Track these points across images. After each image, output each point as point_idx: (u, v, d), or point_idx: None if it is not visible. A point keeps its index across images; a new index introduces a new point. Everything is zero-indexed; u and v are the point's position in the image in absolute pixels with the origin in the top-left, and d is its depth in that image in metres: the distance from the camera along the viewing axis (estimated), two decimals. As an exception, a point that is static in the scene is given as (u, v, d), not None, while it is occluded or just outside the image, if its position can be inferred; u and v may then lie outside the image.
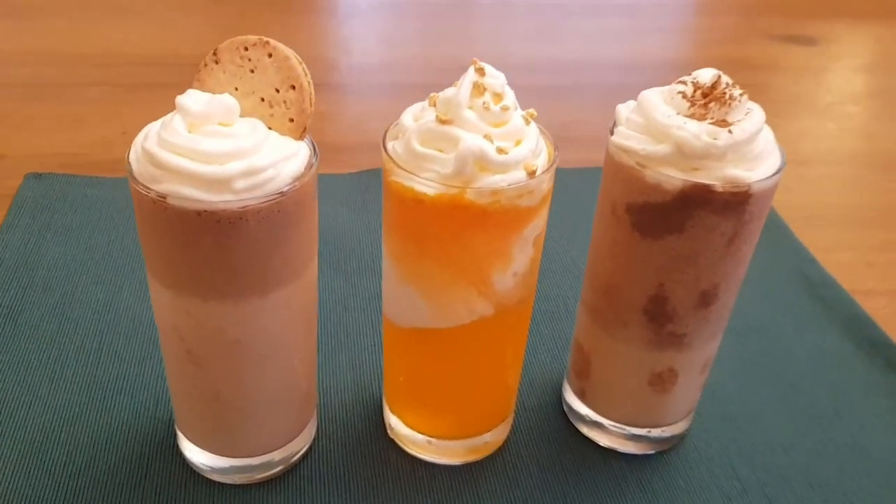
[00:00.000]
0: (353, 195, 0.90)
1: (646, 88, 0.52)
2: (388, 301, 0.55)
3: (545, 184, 0.48)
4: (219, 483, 0.57)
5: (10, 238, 0.79)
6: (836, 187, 1.00)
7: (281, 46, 0.48)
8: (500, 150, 0.46)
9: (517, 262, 0.50)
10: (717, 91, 0.49)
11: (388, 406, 0.61)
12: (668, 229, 0.50)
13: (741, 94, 0.49)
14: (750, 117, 0.49)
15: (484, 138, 0.46)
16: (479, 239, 0.48)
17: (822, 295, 0.79)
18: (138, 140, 0.46)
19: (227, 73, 0.48)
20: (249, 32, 0.48)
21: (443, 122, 0.47)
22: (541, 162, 0.48)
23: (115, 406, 0.62)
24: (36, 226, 0.81)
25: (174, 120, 0.44)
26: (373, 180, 0.92)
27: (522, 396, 0.66)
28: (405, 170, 0.47)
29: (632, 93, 0.53)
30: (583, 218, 0.83)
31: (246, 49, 0.48)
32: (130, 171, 0.45)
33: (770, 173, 0.49)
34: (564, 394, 0.65)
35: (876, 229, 0.92)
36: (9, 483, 0.55)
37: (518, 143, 0.48)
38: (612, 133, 0.52)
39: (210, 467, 0.56)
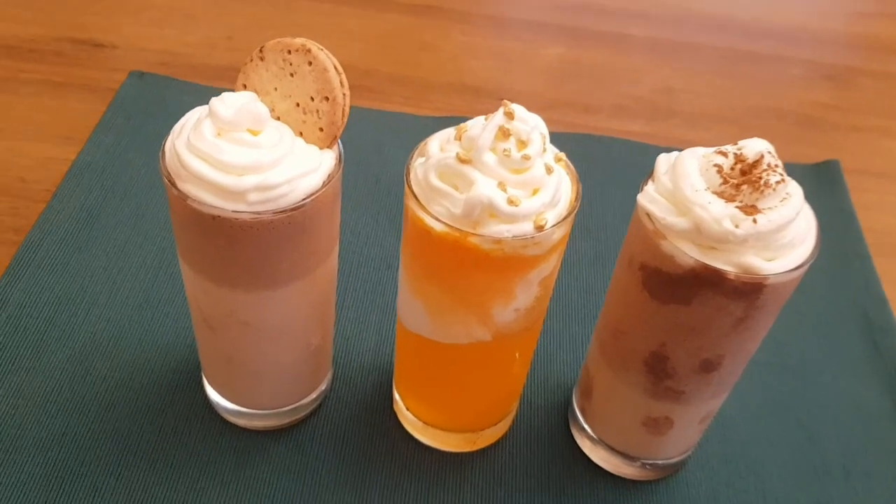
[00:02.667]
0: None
1: (770, 60, 0.47)
2: (399, 303, 0.57)
3: (555, 235, 0.48)
4: (231, 423, 0.62)
5: (104, 138, 0.84)
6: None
7: (322, 55, 0.48)
8: (512, 201, 0.46)
9: (519, 301, 0.51)
10: (755, 173, 0.46)
11: (395, 383, 0.64)
12: (675, 299, 0.49)
13: (779, 182, 0.46)
14: (785, 204, 0.46)
15: (498, 186, 0.46)
16: (480, 276, 0.49)
17: (878, 342, 0.75)
18: (175, 130, 0.48)
19: (270, 73, 0.49)
20: None
21: (462, 160, 0.47)
22: (555, 213, 0.48)
23: (158, 328, 0.68)
24: (129, 128, 0.86)
25: (203, 124, 0.46)
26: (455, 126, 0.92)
27: (531, 394, 0.67)
28: (419, 201, 0.48)
29: (752, 64, 0.49)
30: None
31: (289, 52, 0.49)
32: (163, 161, 0.47)
33: (793, 266, 0.47)
34: (572, 401, 0.66)
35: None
36: (53, 386, 0.63)
37: (535, 192, 0.47)
38: (641, 188, 0.50)
39: (226, 409, 0.62)
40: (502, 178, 0.47)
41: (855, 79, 1.10)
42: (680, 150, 0.50)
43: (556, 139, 0.60)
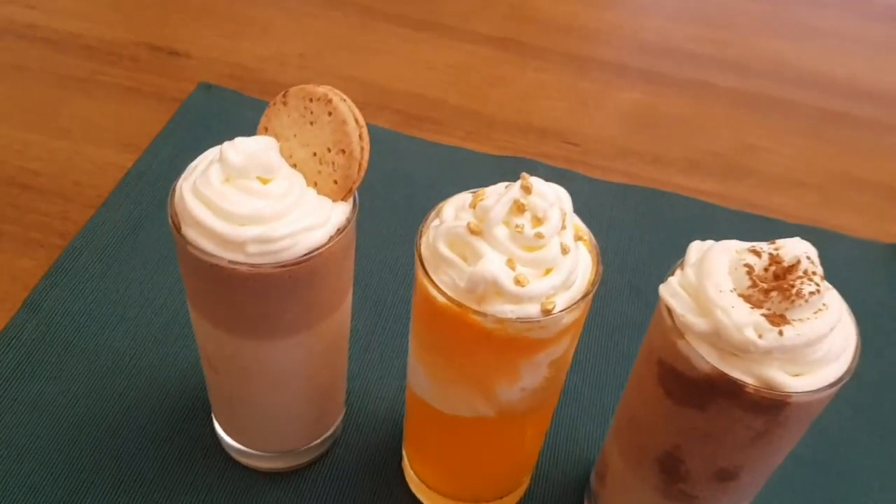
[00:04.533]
0: (486, 180, 0.88)
1: (867, 124, 0.43)
2: (409, 365, 0.55)
3: (565, 319, 0.45)
4: (234, 460, 0.61)
5: (162, 149, 0.85)
6: None
7: (343, 107, 0.47)
8: (519, 281, 0.43)
9: (525, 381, 0.48)
10: (788, 279, 0.42)
11: (405, 443, 0.62)
12: (690, 402, 0.45)
13: (813, 293, 0.41)
14: (819, 317, 0.42)
15: (507, 262, 0.43)
16: (483, 353, 0.46)
17: (942, 452, 0.68)
18: (187, 172, 0.47)
19: (291, 119, 0.48)
20: None
21: (473, 231, 0.44)
22: (567, 296, 0.45)
23: (180, 351, 0.68)
24: (188, 139, 0.87)
25: (212, 168, 0.45)
26: (511, 169, 0.89)
27: (548, 467, 0.64)
28: (424, 268, 0.46)
29: (846, 126, 0.44)
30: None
31: (311, 100, 0.47)
32: (172, 202, 0.47)
33: (823, 385, 0.42)
34: (590, 478, 0.62)
35: None
36: (70, 399, 0.63)
37: (547, 272, 0.44)
38: (666, 277, 0.46)
39: (227, 444, 0.61)
40: (512, 254, 0.44)
41: (958, 153, 1.02)
42: (752, 216, 0.46)
43: (620, 190, 0.57)
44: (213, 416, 0.62)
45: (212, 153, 0.48)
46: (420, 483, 0.60)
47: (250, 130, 0.49)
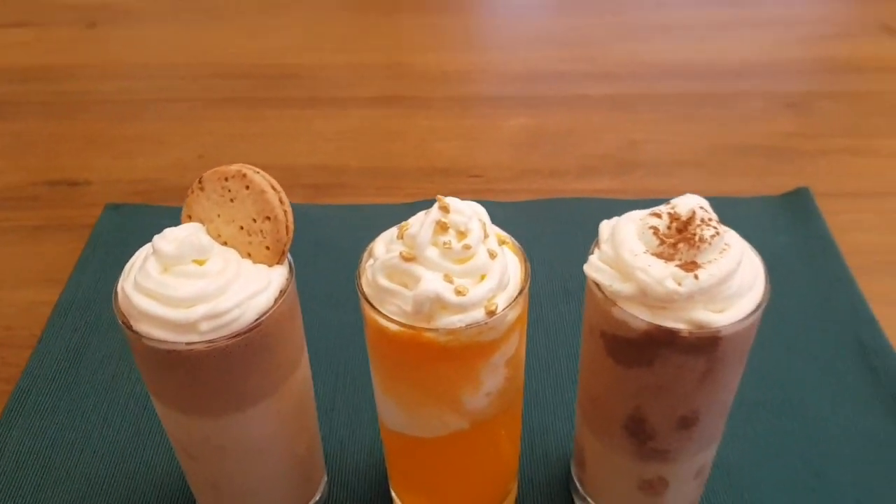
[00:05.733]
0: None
1: (731, 98, 0.48)
2: (378, 403, 0.57)
3: (509, 317, 0.49)
4: (231, 547, 0.62)
5: (84, 276, 0.86)
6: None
7: (258, 178, 0.50)
8: (459, 292, 0.47)
9: (488, 385, 0.51)
10: (689, 230, 0.47)
11: (391, 483, 0.64)
12: (638, 362, 0.49)
13: (713, 236, 0.46)
14: (724, 256, 0.47)
15: (444, 278, 0.47)
16: (443, 367, 0.49)
17: (874, 365, 0.74)
18: (125, 272, 0.49)
19: (211, 201, 0.51)
20: (330, 35, 0.49)
21: (406, 259, 0.48)
22: (505, 296, 0.48)
23: (152, 459, 0.68)
24: (109, 261, 0.88)
25: (148, 262, 0.47)
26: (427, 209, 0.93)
27: (530, 469, 0.67)
28: (370, 303, 0.49)
29: (713, 105, 0.49)
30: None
31: (226, 180, 0.50)
32: (116, 305, 0.49)
33: (744, 315, 0.47)
34: (571, 473, 0.65)
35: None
36: (53, 535, 0.63)
37: (482, 278, 0.48)
38: (589, 255, 0.51)
39: (222, 533, 0.61)
40: (447, 270, 0.47)
41: (815, 103, 1.12)
42: (648, 201, 0.51)
43: (529, 207, 0.61)
44: (199, 507, 0.62)
45: (144, 250, 0.50)
46: (413, 515, 0.62)
47: None
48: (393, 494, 0.63)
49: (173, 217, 0.51)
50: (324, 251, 0.88)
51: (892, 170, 1.00)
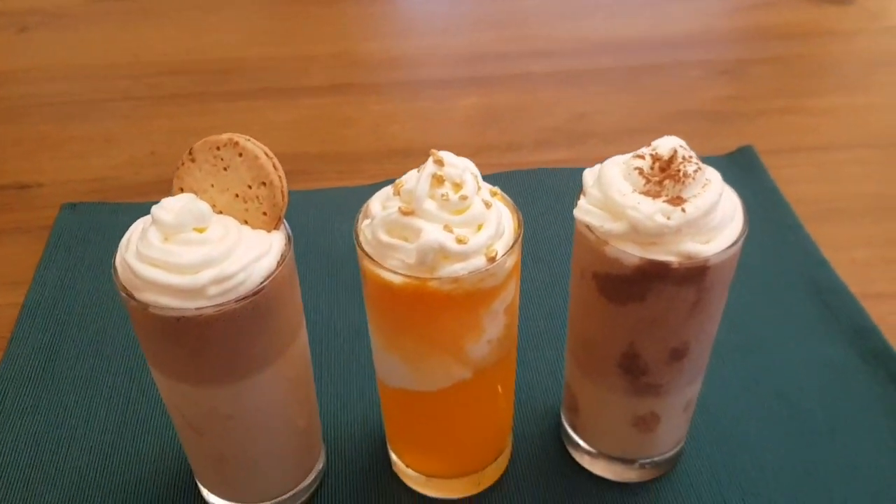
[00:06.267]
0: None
1: (670, 68, 0.50)
2: (377, 363, 0.59)
3: (508, 263, 0.50)
4: (236, 525, 0.62)
5: (49, 274, 0.85)
6: (858, 173, 0.97)
7: (250, 145, 0.50)
8: (460, 240, 0.48)
9: (489, 332, 0.53)
10: (672, 168, 0.49)
11: (389, 444, 0.65)
12: (631, 298, 0.51)
13: (696, 171, 0.49)
14: (707, 190, 0.49)
15: (444, 229, 0.48)
16: (447, 317, 0.51)
17: (829, 302, 0.79)
18: (122, 245, 0.49)
19: (203, 172, 0.51)
20: (273, 29, 0.49)
21: (405, 213, 0.49)
22: (503, 243, 0.50)
23: (144, 447, 0.68)
24: (72, 259, 0.87)
25: (150, 231, 0.48)
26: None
27: (522, 424, 0.69)
28: (372, 259, 0.50)
29: (654, 75, 0.52)
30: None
31: (218, 149, 0.51)
32: (116, 278, 0.49)
33: (728, 244, 0.50)
34: (562, 421, 0.67)
35: (896, 221, 0.90)
36: (50, 529, 0.62)
37: (479, 227, 0.50)
38: (576, 202, 0.53)
39: (226, 511, 0.61)
40: (446, 221, 0.49)
41: (748, 69, 1.17)
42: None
43: (489, 180, 0.63)
44: (200, 488, 0.62)
45: (140, 223, 0.50)
46: (417, 475, 0.63)
47: (124, 233, 0.50)
48: (393, 457, 0.65)
49: (133, 212, 0.51)
50: (296, 236, 0.88)
51: (825, 125, 1.06)
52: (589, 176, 0.54)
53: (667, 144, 0.51)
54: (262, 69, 1.21)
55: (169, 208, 0.48)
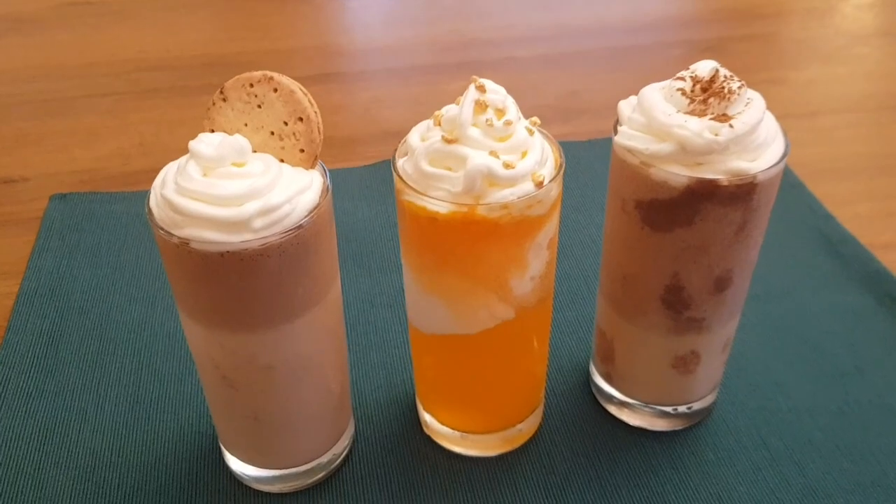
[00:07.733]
0: (370, 188, 0.91)
1: (653, 48, 0.51)
2: (412, 310, 0.57)
3: (553, 191, 0.50)
4: (265, 492, 0.59)
5: (43, 262, 0.81)
6: (849, 136, 0.99)
7: (285, 80, 0.49)
8: (507, 165, 0.47)
9: (533, 267, 0.52)
10: (716, 85, 0.49)
11: (421, 403, 0.63)
12: (678, 223, 0.51)
13: (740, 87, 0.49)
14: (750, 108, 0.49)
15: (490, 155, 0.47)
16: (494, 249, 0.50)
17: (841, 252, 0.79)
18: (157, 185, 0.47)
19: (236, 111, 0.49)
20: (251, 25, 0.49)
21: (448, 141, 0.48)
22: (547, 170, 0.49)
23: (159, 424, 0.65)
24: (66, 247, 0.83)
25: (189, 165, 0.46)
26: (388, 172, 0.93)
27: (552, 382, 0.67)
28: (416, 190, 0.48)
29: (638, 55, 0.53)
30: (597, 191, 0.84)
31: (251, 86, 0.49)
32: (152, 218, 0.46)
33: (774, 161, 0.49)
34: (592, 376, 0.66)
35: (894, 176, 0.92)
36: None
37: (524, 154, 0.49)
38: (615, 132, 0.52)
39: (254, 478, 0.59)
40: (491, 147, 0.48)
41: (728, 45, 1.19)
42: (604, 140, 0.52)
43: None
44: (227, 456, 0.60)
45: (175, 164, 0.48)
46: (451, 432, 0.61)
47: (122, 222, 0.48)
48: (426, 416, 0.63)
49: (126, 201, 0.49)
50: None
51: (811, 94, 1.08)
52: (625, 106, 0.53)
53: (706, 65, 0.51)
54: (242, 63, 1.19)
55: (208, 142, 0.46)
